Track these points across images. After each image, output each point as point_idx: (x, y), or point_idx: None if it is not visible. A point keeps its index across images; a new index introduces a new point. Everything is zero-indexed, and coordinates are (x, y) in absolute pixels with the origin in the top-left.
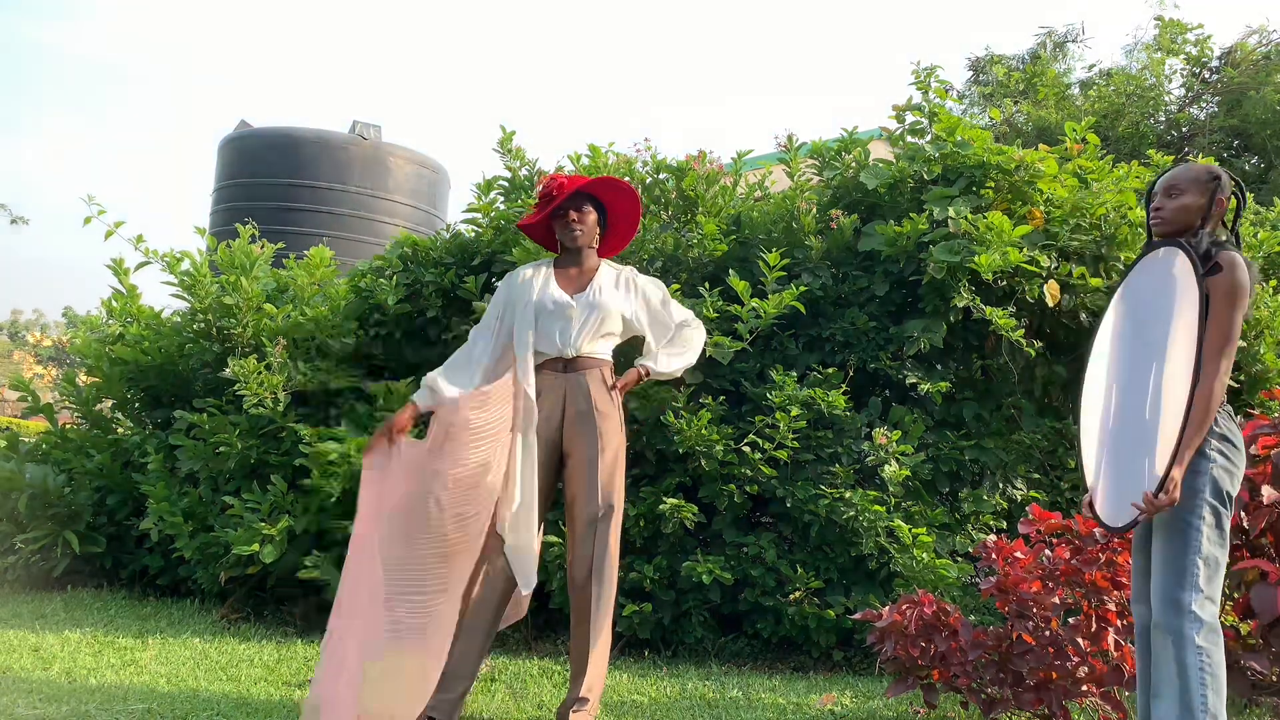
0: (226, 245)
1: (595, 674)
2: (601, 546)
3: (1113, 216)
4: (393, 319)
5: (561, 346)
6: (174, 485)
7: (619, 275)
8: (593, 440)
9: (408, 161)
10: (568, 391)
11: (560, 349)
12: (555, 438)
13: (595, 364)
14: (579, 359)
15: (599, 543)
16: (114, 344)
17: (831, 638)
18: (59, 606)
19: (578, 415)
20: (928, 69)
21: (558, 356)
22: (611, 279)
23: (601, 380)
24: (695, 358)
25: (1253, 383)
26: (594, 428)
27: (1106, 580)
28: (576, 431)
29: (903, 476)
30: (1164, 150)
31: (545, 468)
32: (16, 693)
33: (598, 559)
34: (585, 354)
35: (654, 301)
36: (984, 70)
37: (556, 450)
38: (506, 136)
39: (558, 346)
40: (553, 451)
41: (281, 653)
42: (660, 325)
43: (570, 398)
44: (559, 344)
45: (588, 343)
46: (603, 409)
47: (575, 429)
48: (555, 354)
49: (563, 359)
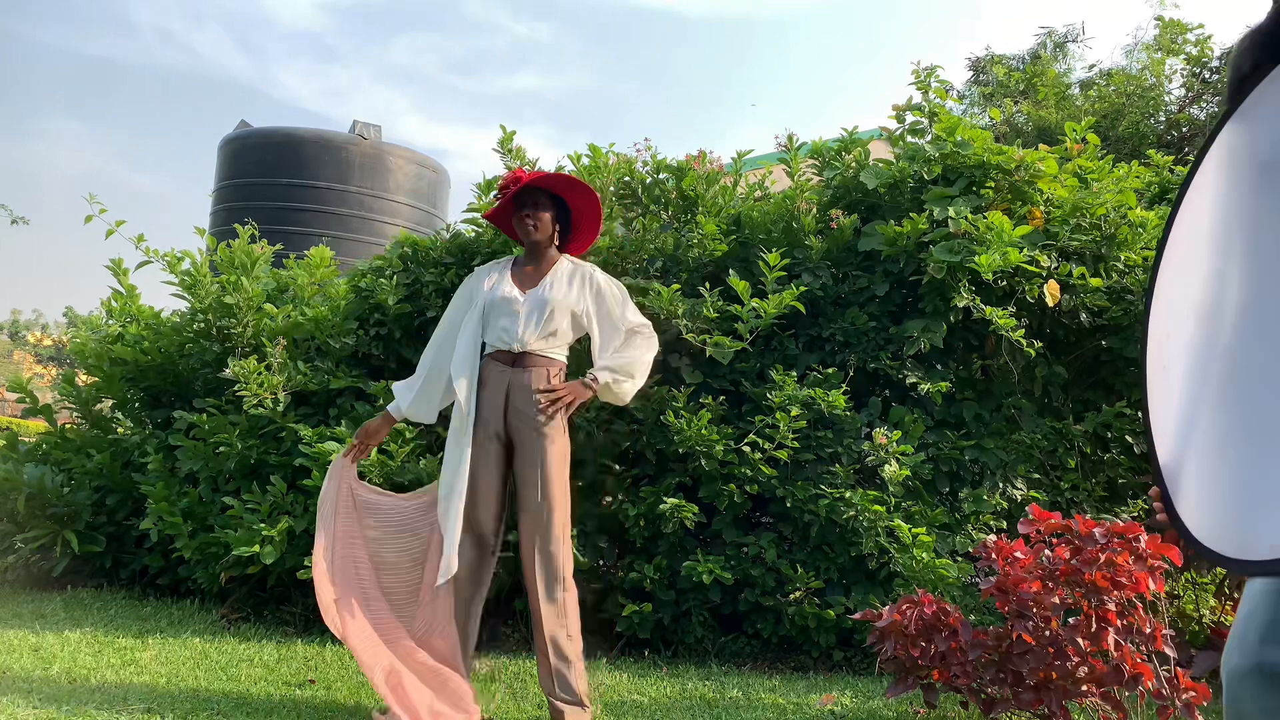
0: (226, 245)
1: (574, 672)
2: (545, 547)
3: (1113, 216)
4: (393, 319)
5: (509, 341)
6: (174, 485)
7: (576, 270)
8: (534, 440)
9: (408, 161)
10: (511, 385)
11: (508, 343)
12: (500, 428)
13: (543, 363)
14: (526, 355)
15: (541, 544)
16: (114, 344)
17: (831, 638)
18: (59, 606)
19: (518, 413)
20: (928, 69)
21: (506, 349)
22: (566, 274)
23: (546, 380)
24: (643, 380)
25: None
26: (534, 427)
27: (1106, 580)
28: (518, 429)
29: (903, 476)
30: (1164, 150)
31: (496, 460)
32: (16, 693)
33: (543, 561)
34: (533, 351)
35: (606, 300)
36: (984, 70)
37: (503, 443)
38: (507, 136)
39: (505, 341)
40: (499, 444)
41: (281, 653)
42: (608, 324)
43: (512, 392)
44: (506, 339)
45: (535, 340)
46: (547, 410)
47: (516, 426)
48: (504, 347)
49: (510, 352)
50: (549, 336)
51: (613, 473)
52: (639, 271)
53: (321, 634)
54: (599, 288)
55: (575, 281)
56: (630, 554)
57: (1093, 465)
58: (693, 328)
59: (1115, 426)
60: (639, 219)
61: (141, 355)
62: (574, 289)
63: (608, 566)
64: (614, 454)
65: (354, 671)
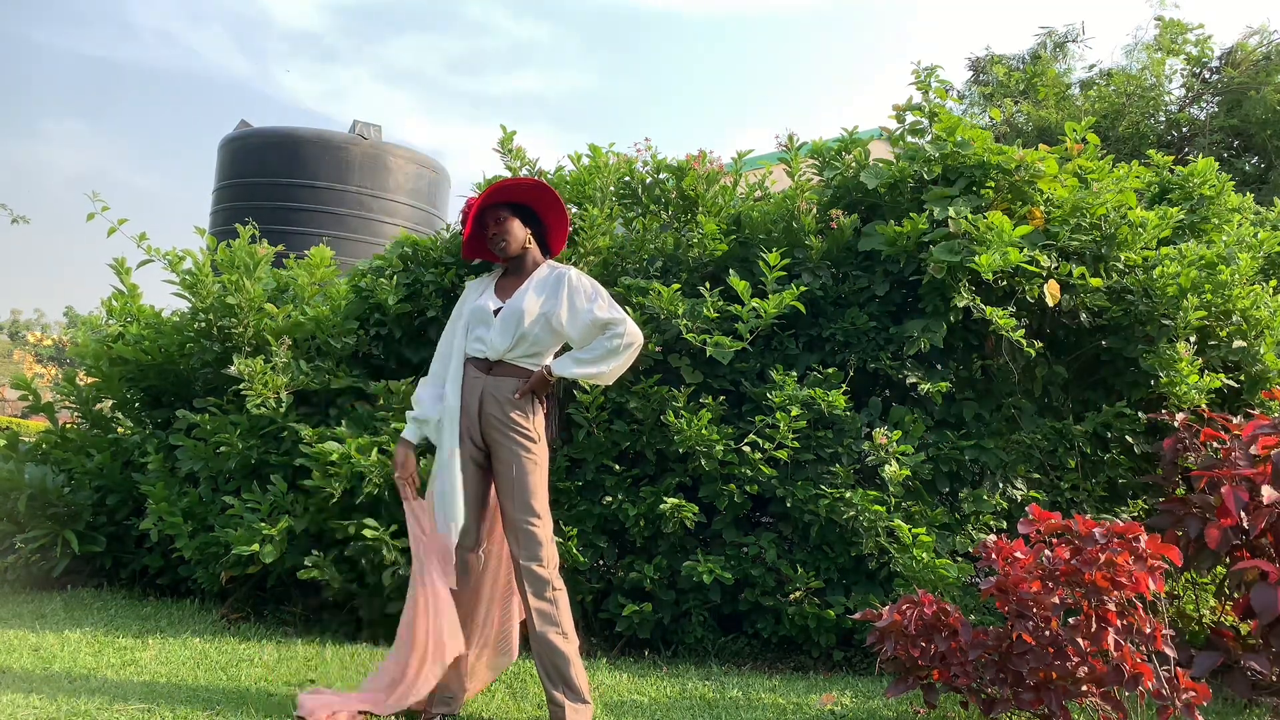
0: (227, 245)
1: (572, 669)
2: (531, 553)
3: (1113, 216)
4: (393, 319)
5: (484, 350)
6: (174, 485)
7: (551, 274)
8: (509, 446)
9: (408, 161)
10: (485, 391)
11: (483, 352)
12: (476, 435)
13: (517, 373)
14: (501, 364)
15: (527, 550)
16: (114, 343)
17: (831, 638)
18: (59, 606)
19: (493, 420)
20: (928, 69)
21: (483, 358)
22: (541, 280)
23: (518, 388)
24: (607, 368)
25: (1252, 383)
26: (509, 435)
27: (1106, 580)
28: (494, 437)
29: (903, 476)
30: (1164, 150)
31: (475, 466)
32: (16, 692)
33: (529, 565)
34: (508, 360)
35: (579, 299)
36: (984, 70)
37: (481, 449)
38: (507, 136)
39: (481, 350)
40: (477, 450)
41: (281, 652)
42: (579, 320)
43: (486, 398)
44: (481, 348)
45: (509, 350)
46: (516, 417)
47: (492, 433)
48: (480, 356)
49: (486, 361)
50: (521, 345)
51: (613, 473)
52: (639, 271)
53: (321, 634)
54: (571, 287)
55: (549, 286)
56: (630, 554)
57: (1093, 465)
58: (693, 328)
59: (1115, 426)
60: (639, 219)
61: (142, 355)
62: (545, 293)
63: (608, 566)
64: (614, 454)
65: (354, 671)
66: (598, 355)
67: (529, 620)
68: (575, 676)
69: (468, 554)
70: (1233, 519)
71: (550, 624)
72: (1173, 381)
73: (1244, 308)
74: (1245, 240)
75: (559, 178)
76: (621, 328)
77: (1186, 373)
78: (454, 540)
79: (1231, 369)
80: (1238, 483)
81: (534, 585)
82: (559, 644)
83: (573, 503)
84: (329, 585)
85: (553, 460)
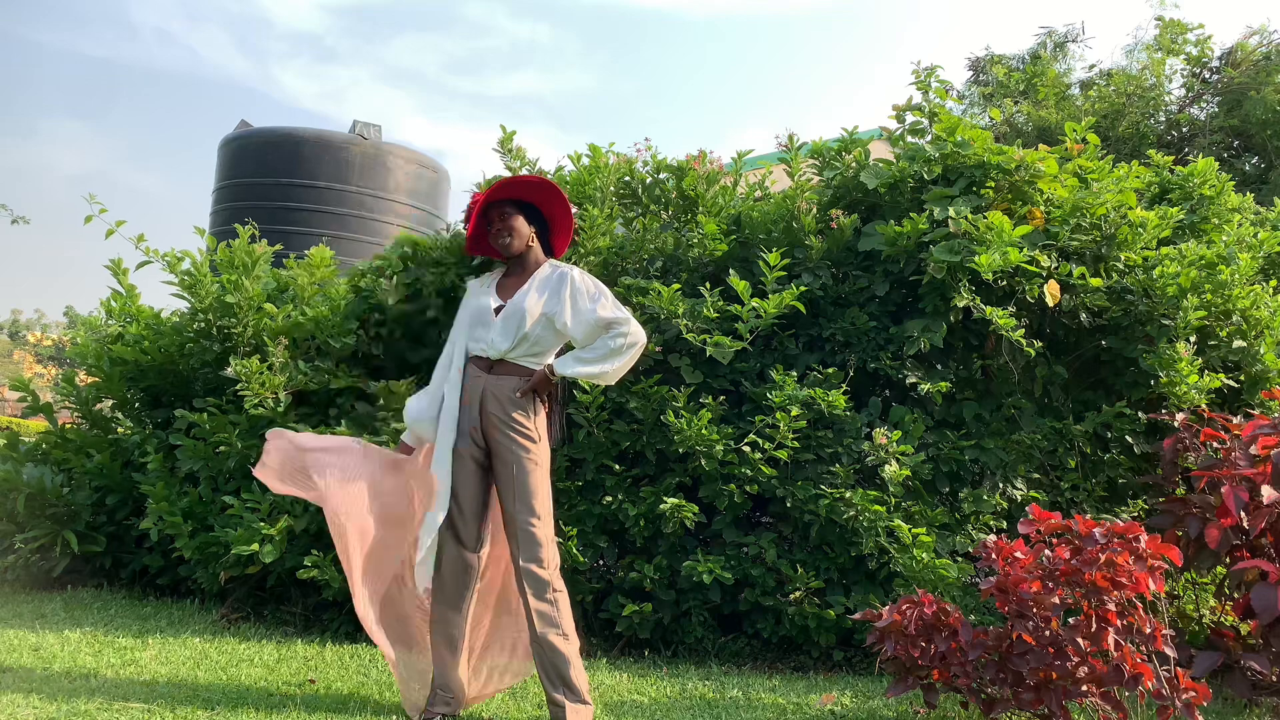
0: (227, 245)
1: (572, 670)
2: (532, 554)
3: (1113, 216)
4: (393, 319)
5: (485, 349)
6: (174, 485)
7: (553, 273)
8: (510, 446)
9: (408, 162)
10: (486, 390)
11: (485, 352)
12: (477, 434)
13: (518, 372)
14: (502, 363)
15: (526, 551)
16: (114, 344)
17: (831, 638)
18: (59, 606)
19: (494, 419)
20: (928, 69)
21: (484, 357)
22: (544, 279)
23: (518, 387)
24: (610, 367)
25: (1252, 383)
26: (510, 435)
27: (1106, 580)
28: (495, 436)
29: (903, 476)
30: (1164, 150)
31: (476, 465)
32: (16, 693)
33: (529, 566)
34: (509, 360)
35: (582, 299)
36: (984, 70)
37: (481, 448)
38: (507, 136)
39: (482, 349)
40: (478, 449)
41: (281, 652)
42: (582, 320)
43: (488, 397)
44: (483, 347)
45: (510, 350)
46: (518, 416)
47: (493, 432)
48: (482, 354)
49: (487, 360)
50: (523, 345)
51: (613, 473)
52: (639, 271)
53: (321, 634)
54: (574, 286)
55: (550, 285)
56: (630, 554)
57: (1093, 465)
58: (693, 328)
59: (1115, 426)
60: (639, 219)
61: (141, 355)
62: (547, 292)
63: (608, 566)
64: (614, 454)
65: (354, 671)
66: (601, 355)
67: (529, 621)
68: (575, 677)
69: (469, 554)
70: (1233, 519)
71: (550, 625)
72: (1173, 381)
73: (1244, 308)
74: (1245, 240)
75: (559, 178)
76: (625, 327)
77: (1186, 373)
78: (434, 534)
79: (1231, 369)
80: (1238, 483)
81: (534, 586)
82: (559, 645)
83: (573, 503)
84: (329, 585)
85: (553, 460)
